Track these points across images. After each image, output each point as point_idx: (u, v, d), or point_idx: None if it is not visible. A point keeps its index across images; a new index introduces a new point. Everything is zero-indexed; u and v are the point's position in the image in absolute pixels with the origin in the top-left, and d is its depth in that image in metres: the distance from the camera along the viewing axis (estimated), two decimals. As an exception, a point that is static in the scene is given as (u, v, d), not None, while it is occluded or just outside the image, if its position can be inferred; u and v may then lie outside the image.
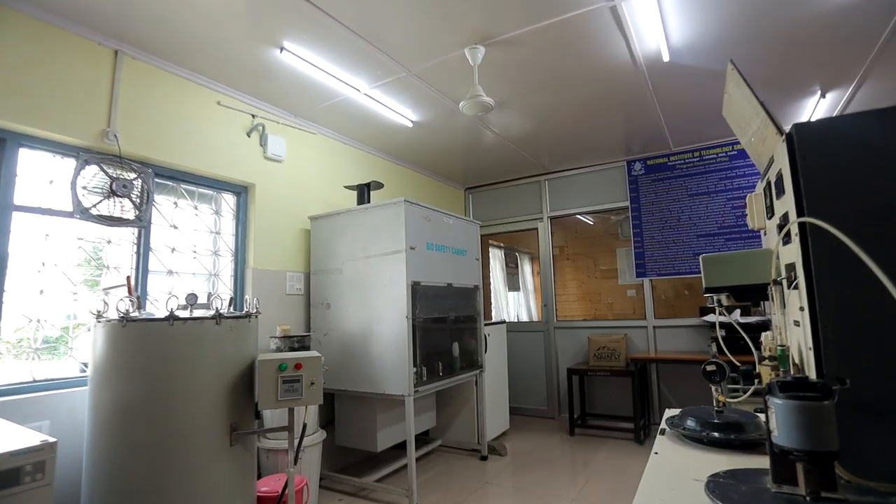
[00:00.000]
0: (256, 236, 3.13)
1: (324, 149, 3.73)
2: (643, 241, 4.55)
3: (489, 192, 5.56)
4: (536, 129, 3.88)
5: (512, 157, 4.57)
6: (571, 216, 5.52)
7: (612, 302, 6.88)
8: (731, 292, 1.32)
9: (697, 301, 5.63)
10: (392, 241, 2.96)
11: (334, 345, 3.18)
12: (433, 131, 3.82)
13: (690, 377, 4.24)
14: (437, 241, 3.25)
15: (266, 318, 3.09)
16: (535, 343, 5.08)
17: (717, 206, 4.23)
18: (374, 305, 3.00)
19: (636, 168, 4.64)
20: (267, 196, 3.22)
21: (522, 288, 7.03)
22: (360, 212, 3.15)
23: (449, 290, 3.36)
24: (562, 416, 4.82)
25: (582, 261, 7.17)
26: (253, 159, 3.16)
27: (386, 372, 2.91)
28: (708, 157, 4.31)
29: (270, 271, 3.18)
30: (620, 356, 4.30)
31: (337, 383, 3.14)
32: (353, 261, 3.14)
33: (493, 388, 4.08)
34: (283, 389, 1.92)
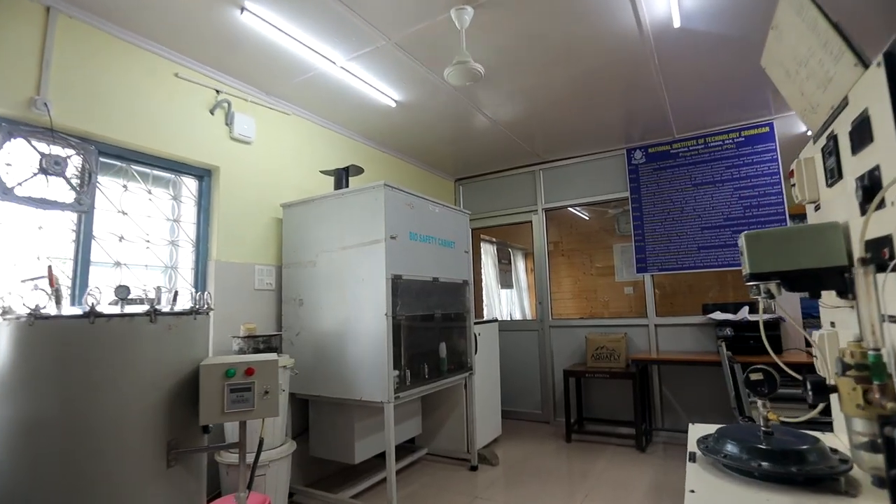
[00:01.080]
0: (221, 225, 2.81)
1: (299, 131, 3.41)
2: (644, 235, 4.28)
3: (481, 183, 5.26)
4: (530, 112, 3.58)
5: (504, 144, 4.28)
6: (567, 210, 5.25)
7: (609, 300, 6.64)
8: (783, 279, 1.03)
9: (699, 298, 5.40)
10: (370, 230, 2.65)
11: (307, 345, 2.86)
12: (419, 113, 3.52)
13: (695, 379, 3.97)
14: (422, 231, 2.95)
15: (232, 316, 2.77)
16: (529, 343, 4.80)
17: (724, 197, 3.96)
18: (351, 301, 2.70)
19: (637, 156, 4.37)
20: (233, 180, 2.91)
21: (515, 285, 6.75)
22: (335, 198, 2.84)
23: (435, 285, 3.06)
24: (557, 420, 4.54)
25: (577, 257, 6.92)
26: (217, 139, 2.84)
27: (363, 376, 2.61)
28: (713, 144, 4.04)
29: (237, 264, 2.86)
30: (620, 357, 4.02)
31: (310, 388, 2.83)
32: (327, 252, 2.83)
33: (484, 391, 3.79)
34: (230, 400, 1.61)
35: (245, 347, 2.46)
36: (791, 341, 3.63)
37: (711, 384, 3.90)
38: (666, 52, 2.77)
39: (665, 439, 3.94)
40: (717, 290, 5.46)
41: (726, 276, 5.33)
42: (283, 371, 2.53)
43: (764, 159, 3.85)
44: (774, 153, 3.81)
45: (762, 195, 3.83)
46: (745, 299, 5.33)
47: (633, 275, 5.08)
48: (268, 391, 1.66)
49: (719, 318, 3.68)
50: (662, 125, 3.96)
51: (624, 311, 6.17)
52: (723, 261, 3.92)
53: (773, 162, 3.81)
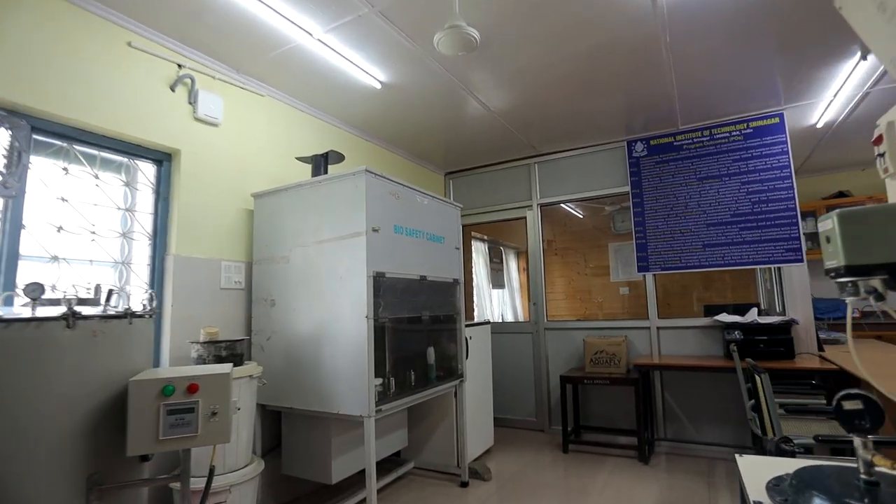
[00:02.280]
0: (182, 216, 2.49)
1: (275, 115, 3.10)
2: (645, 232, 4.03)
3: (472, 177, 4.98)
4: (526, 97, 3.31)
5: (498, 134, 4.00)
6: (561, 207, 5.00)
7: (603, 300, 6.41)
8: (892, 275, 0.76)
9: (702, 298, 5.18)
10: (350, 222, 2.36)
11: (279, 351, 2.56)
12: (406, 96, 3.23)
13: (699, 385, 3.73)
14: (408, 224, 2.66)
15: (193, 318, 2.46)
16: (523, 346, 4.53)
17: (731, 192, 3.73)
18: (328, 302, 2.40)
19: (638, 149, 4.12)
20: (197, 166, 2.59)
21: (508, 285, 6.49)
22: (311, 187, 2.54)
23: (422, 284, 2.77)
24: (552, 428, 4.28)
25: (571, 256, 6.69)
26: (178, 120, 2.52)
27: (341, 386, 2.31)
28: (720, 135, 3.81)
29: (200, 260, 2.54)
30: (621, 361, 3.76)
31: (282, 399, 2.52)
32: (302, 247, 2.53)
33: (476, 398, 3.51)
34: (167, 423, 1.30)
35: (205, 355, 2.15)
36: (802, 345, 3.40)
37: (717, 391, 3.66)
38: (679, 29, 2.52)
39: (668, 449, 3.70)
40: (714, 291, 5.26)
41: (724, 275, 5.12)
42: (250, 381, 2.22)
43: (773, 152, 3.62)
44: (785, 145, 3.58)
45: (772, 189, 3.60)
46: (745, 300, 5.15)
47: (630, 275, 4.86)
48: (216, 412, 1.36)
49: (727, 321, 3.44)
50: (667, 115, 3.71)
51: (618, 313, 5.94)
52: (730, 259, 3.68)
53: (783, 155, 3.59)
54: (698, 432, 3.70)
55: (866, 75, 3.09)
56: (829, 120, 3.84)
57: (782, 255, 3.52)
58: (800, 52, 2.79)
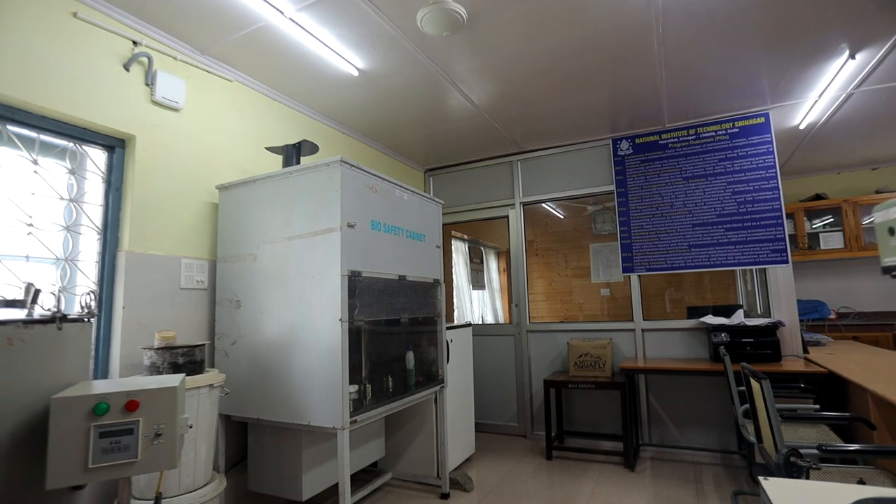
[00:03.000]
0: (137, 209, 2.26)
1: (244, 102, 2.88)
2: (630, 232, 3.94)
3: (454, 175, 4.83)
4: (510, 90, 3.17)
5: (481, 129, 3.86)
6: (542, 207, 4.89)
7: (583, 302, 6.35)
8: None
9: (675, 300, 5.13)
10: (323, 216, 2.17)
11: (245, 357, 2.35)
12: (386, 86, 3.05)
13: (684, 389, 3.65)
14: (387, 220, 2.48)
15: (148, 321, 2.23)
16: (505, 349, 4.39)
17: (716, 191, 3.67)
18: (298, 303, 2.20)
19: (623, 147, 4.04)
20: (155, 154, 2.36)
21: (488, 286, 6.36)
22: (282, 178, 2.34)
23: (402, 284, 2.59)
24: (535, 434, 4.15)
25: (552, 257, 6.60)
26: (133, 102, 2.29)
27: (312, 395, 2.12)
28: (705, 134, 3.75)
29: (157, 257, 2.31)
30: (606, 365, 3.66)
31: (248, 409, 2.31)
32: (271, 244, 2.33)
33: (457, 404, 3.35)
34: (99, 448, 1.10)
35: (159, 363, 1.93)
36: (787, 347, 3.35)
37: (702, 394, 3.59)
38: (673, 19, 2.41)
39: (653, 455, 3.61)
40: (694, 293, 5.23)
41: (703, 277, 5.10)
42: (210, 391, 2.01)
43: (759, 152, 3.57)
44: (770, 145, 3.54)
45: (757, 190, 3.55)
46: (725, 301, 5.13)
47: (611, 276, 4.79)
48: (160, 433, 1.16)
49: (713, 323, 3.37)
50: (654, 112, 3.63)
51: (598, 315, 5.88)
52: (716, 260, 3.62)
53: (768, 155, 3.54)
54: (683, 437, 3.62)
55: (852, 75, 3.05)
56: (812, 121, 3.83)
57: (768, 256, 3.47)
58: (788, 49, 2.73)
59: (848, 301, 5.14)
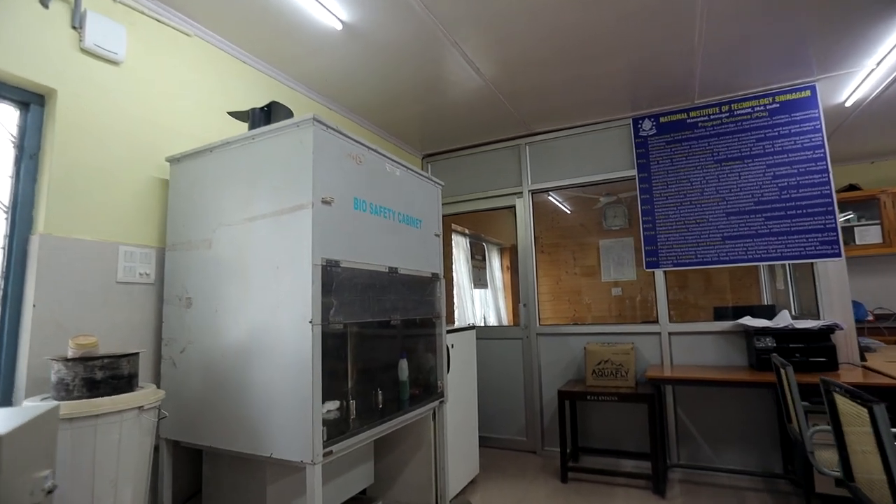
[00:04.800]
0: (58, 182, 1.79)
1: (205, 62, 2.42)
2: (654, 222, 3.48)
3: (454, 161, 4.37)
4: (520, 53, 2.71)
5: (485, 104, 3.40)
6: (549, 201, 4.46)
7: (591, 302, 5.89)
8: None
9: (712, 299, 4.68)
10: (290, 190, 1.70)
11: (196, 368, 1.88)
12: (375, 46, 2.58)
13: (717, 400, 3.19)
14: (374, 200, 2.02)
15: (70, 323, 1.76)
16: (512, 354, 3.93)
17: (754, 176, 3.22)
18: (259, 301, 1.74)
19: (645, 127, 3.58)
20: (84, 115, 1.89)
21: (490, 285, 5.90)
22: (242, 145, 1.87)
23: (392, 277, 2.13)
24: (546, 450, 3.69)
25: (560, 254, 6.15)
26: (54, 48, 1.82)
27: (275, 418, 1.65)
28: (741, 112, 3.29)
29: (85, 243, 1.85)
30: (629, 373, 3.20)
31: (200, 434, 1.84)
32: (228, 226, 1.86)
33: (459, 419, 2.89)
34: None
35: (68, 378, 1.46)
36: (841, 353, 2.90)
37: (740, 407, 3.13)
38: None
39: (683, 477, 3.14)
40: (714, 292, 4.78)
41: (721, 273, 4.64)
42: (140, 415, 1.54)
43: (804, 130, 3.12)
44: (817, 122, 3.09)
45: (802, 173, 3.10)
46: (746, 301, 4.67)
47: (623, 274, 4.34)
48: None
49: (756, 326, 2.91)
50: (682, 86, 3.17)
51: (606, 316, 5.43)
52: (754, 254, 3.17)
53: (815, 133, 3.09)
54: (718, 456, 3.16)
55: (923, 35, 2.61)
56: (861, 97, 3.38)
57: (816, 249, 3.02)
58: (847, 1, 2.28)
59: (885, 301, 4.69)
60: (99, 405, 1.41)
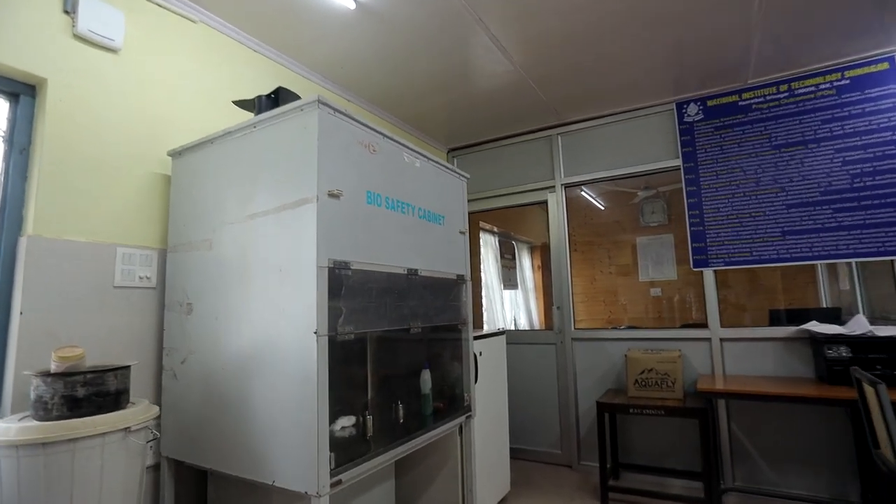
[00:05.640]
0: (50, 178, 1.65)
1: (212, 50, 2.26)
2: (703, 217, 3.15)
3: (481, 154, 4.13)
4: (551, 30, 2.45)
5: (514, 92, 3.14)
6: (582, 196, 4.17)
7: (627, 303, 5.55)
8: None
9: (760, 301, 4.28)
10: (293, 183, 1.50)
11: (197, 381, 1.71)
12: (393, 28, 2.37)
13: (779, 416, 2.84)
14: (391, 193, 1.81)
15: (61, 333, 1.62)
16: (545, 359, 3.66)
17: (820, 162, 2.85)
18: (261, 308, 1.55)
19: (690, 112, 3.25)
20: (77, 107, 1.75)
21: (521, 285, 5.63)
22: (243, 134, 1.69)
23: (412, 280, 1.91)
24: (583, 464, 3.40)
25: (594, 252, 5.83)
26: (44, 34, 1.68)
27: (278, 441, 1.46)
28: (802, 90, 2.93)
29: (79, 244, 1.70)
30: (676, 384, 2.89)
31: (201, 454, 1.67)
32: (229, 224, 1.68)
33: (488, 432, 2.65)
34: None
35: (47, 396, 1.30)
36: (929, 365, 2.51)
37: (805, 423, 2.77)
38: None
39: (739, 501, 2.81)
40: (763, 292, 4.36)
41: (773, 271, 4.23)
42: (126, 437, 1.37)
43: (881, 108, 2.74)
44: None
45: (878, 158, 2.72)
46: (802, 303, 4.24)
47: (662, 273, 4.00)
48: None
49: (826, 333, 2.55)
50: (735, 63, 2.84)
51: (642, 318, 5.09)
52: (820, 251, 2.80)
53: (894, 112, 2.71)
54: (782, 479, 2.81)
55: None
56: (945, 70, 2.95)
57: (897, 245, 2.64)
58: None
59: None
60: (76, 427, 1.24)
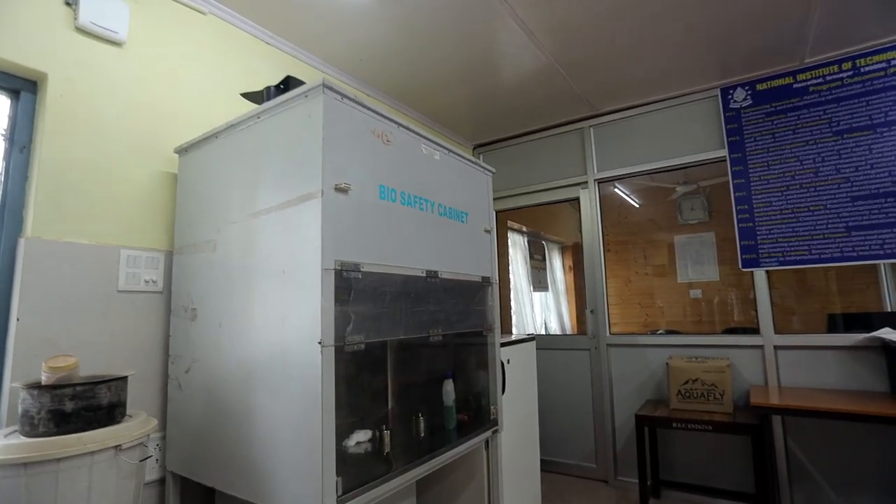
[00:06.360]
0: (51, 178, 1.58)
1: (221, 42, 2.17)
2: (752, 212, 2.87)
3: (509, 150, 3.94)
4: (582, 9, 2.24)
5: (542, 81, 2.94)
6: (616, 193, 3.92)
7: (664, 306, 5.24)
8: None
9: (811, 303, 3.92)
10: (297, 177, 1.37)
11: (201, 392, 1.60)
12: (412, 15, 2.22)
13: (845, 433, 2.54)
14: (407, 188, 1.65)
15: (60, 340, 1.53)
16: (577, 367, 3.44)
17: (891, 149, 2.54)
18: (263, 314, 1.42)
19: (738, 97, 2.97)
20: (79, 102, 1.67)
21: (551, 287, 5.40)
22: (247, 127, 1.57)
23: (431, 283, 1.75)
24: (619, 479, 3.16)
25: (629, 252, 5.54)
26: (45, 27, 1.61)
27: (281, 459, 1.32)
28: (870, 68, 2.62)
29: (81, 247, 1.62)
30: (725, 396, 2.62)
31: (205, 470, 1.56)
32: (233, 224, 1.56)
33: (518, 444, 2.46)
34: None
35: (34, 410, 1.21)
36: None
37: (877, 443, 2.46)
38: None
39: (799, 526, 2.53)
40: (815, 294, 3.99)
41: (826, 271, 3.86)
42: (117, 456, 1.26)
43: (963, 85, 2.41)
44: (983, 74, 2.37)
45: (961, 142, 2.39)
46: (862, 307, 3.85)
47: (702, 274, 3.72)
48: None
49: None
50: (789, 41, 2.56)
51: (681, 322, 4.76)
52: (893, 248, 2.49)
53: (980, 88, 2.38)
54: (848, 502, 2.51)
55: None
56: None
57: None
58: None
59: None
60: (60, 446, 1.14)
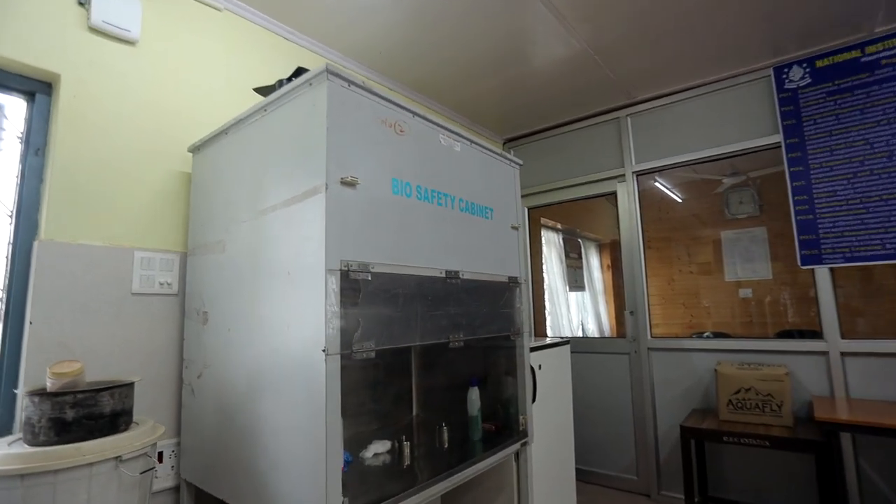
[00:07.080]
0: (64, 180, 1.56)
1: (238, 39, 2.12)
2: (813, 203, 2.60)
3: (541, 143, 3.76)
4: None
5: (575, 69, 2.76)
6: (656, 188, 3.66)
7: (710, 306, 4.89)
8: None
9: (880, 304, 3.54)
10: (302, 170, 1.27)
11: (211, 399, 1.54)
12: (436, 3, 2.11)
13: (928, 451, 2.24)
14: (423, 182, 1.53)
15: (75, 343, 1.51)
16: (616, 372, 3.23)
17: (980, 127, 2.22)
18: (268, 318, 1.33)
19: (794, 76, 2.70)
20: (92, 103, 1.65)
21: (588, 287, 5.17)
22: (255, 120, 1.49)
23: (451, 284, 1.62)
24: (663, 494, 2.94)
25: (671, 249, 5.21)
26: (59, 28, 1.59)
27: (286, 477, 1.23)
28: (952, 37, 2.31)
29: (95, 249, 1.59)
30: (783, 407, 2.37)
31: (215, 481, 1.50)
32: (240, 223, 1.49)
33: (549, 454, 2.30)
34: None
35: (35, 418, 1.17)
36: None
37: (967, 464, 2.16)
38: None
39: (873, 555, 2.25)
40: (885, 294, 3.58)
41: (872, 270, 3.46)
42: (117, 468, 1.20)
43: None
44: None
45: None
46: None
47: (753, 272, 3.44)
48: None
49: None
50: (855, 10, 2.28)
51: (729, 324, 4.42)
52: (985, 240, 2.17)
53: None
54: (934, 533, 2.21)
55: None
56: None
57: None
58: None
59: None
60: (58, 456, 1.09)
